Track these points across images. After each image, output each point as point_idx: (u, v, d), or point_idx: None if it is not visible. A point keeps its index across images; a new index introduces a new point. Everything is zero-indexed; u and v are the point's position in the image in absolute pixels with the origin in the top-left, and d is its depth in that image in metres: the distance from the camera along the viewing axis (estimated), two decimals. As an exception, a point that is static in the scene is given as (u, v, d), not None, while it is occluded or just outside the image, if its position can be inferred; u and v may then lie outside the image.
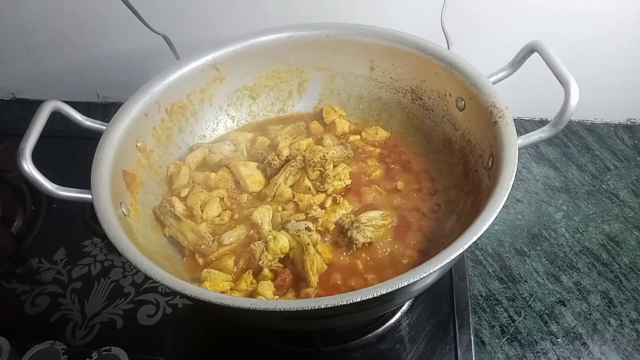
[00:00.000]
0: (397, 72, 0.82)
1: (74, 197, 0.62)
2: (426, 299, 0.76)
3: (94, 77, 1.08)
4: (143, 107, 0.74)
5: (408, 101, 0.83)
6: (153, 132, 0.77)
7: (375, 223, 0.72)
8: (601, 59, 0.92)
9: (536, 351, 0.72)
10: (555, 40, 0.68)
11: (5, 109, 1.11)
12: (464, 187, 0.74)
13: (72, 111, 0.70)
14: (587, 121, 1.03)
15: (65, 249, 0.85)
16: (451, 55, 0.75)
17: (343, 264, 0.70)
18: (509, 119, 0.65)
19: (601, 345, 0.73)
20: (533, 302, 0.77)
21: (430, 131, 0.81)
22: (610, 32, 0.89)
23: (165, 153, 0.79)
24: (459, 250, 0.52)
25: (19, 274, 0.83)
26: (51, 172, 0.62)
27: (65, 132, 0.82)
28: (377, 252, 0.70)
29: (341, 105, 0.88)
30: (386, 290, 0.50)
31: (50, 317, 0.77)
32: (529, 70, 0.69)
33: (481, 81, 0.70)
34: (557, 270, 0.81)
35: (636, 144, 0.99)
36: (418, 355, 0.71)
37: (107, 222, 0.59)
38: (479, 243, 0.84)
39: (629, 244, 0.84)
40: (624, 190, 0.91)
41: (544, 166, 0.95)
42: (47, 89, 1.10)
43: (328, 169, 0.76)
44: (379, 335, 0.73)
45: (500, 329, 0.75)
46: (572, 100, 0.59)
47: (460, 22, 0.84)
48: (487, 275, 0.80)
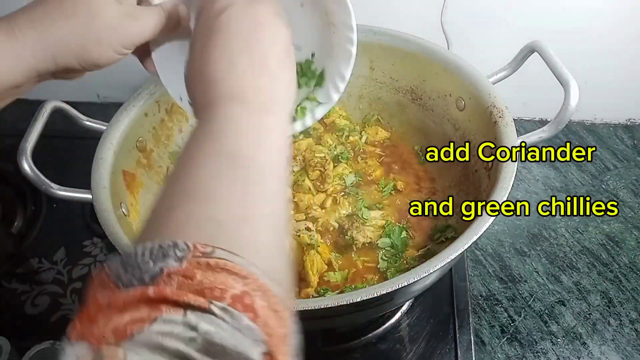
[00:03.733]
0: (397, 72, 0.82)
1: (74, 197, 0.63)
2: (426, 299, 0.76)
3: (94, 77, 1.07)
4: (143, 107, 0.74)
5: (408, 101, 0.83)
6: (153, 132, 0.77)
7: (375, 223, 0.72)
8: (601, 59, 0.92)
9: (536, 351, 0.73)
10: (555, 40, 0.68)
11: (5, 109, 1.10)
12: (464, 187, 0.74)
13: (72, 111, 0.70)
14: (587, 121, 1.03)
15: (65, 249, 0.85)
16: (451, 55, 0.75)
17: (343, 264, 0.70)
18: (509, 119, 0.65)
19: (601, 345, 0.73)
20: (533, 302, 0.77)
21: (430, 131, 0.81)
22: (610, 33, 0.89)
23: (165, 153, 0.79)
24: (459, 250, 0.52)
25: (19, 274, 0.83)
26: (51, 172, 0.62)
27: (65, 132, 0.82)
28: (377, 252, 0.70)
29: (341, 105, 0.88)
30: (386, 290, 0.50)
31: (51, 317, 0.77)
32: (529, 70, 0.69)
33: (481, 81, 0.70)
34: (557, 270, 0.81)
35: (636, 144, 0.99)
36: (418, 355, 0.71)
37: (107, 222, 0.59)
38: (479, 243, 0.84)
39: (628, 244, 0.84)
40: (624, 190, 0.91)
41: (544, 166, 0.95)
42: (47, 89, 1.09)
43: (328, 169, 0.76)
44: (379, 335, 0.73)
45: (500, 329, 0.75)
46: (571, 101, 0.59)
47: (460, 22, 0.84)
48: (487, 275, 0.80)
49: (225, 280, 0.28)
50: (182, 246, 0.29)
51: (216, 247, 0.29)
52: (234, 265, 0.29)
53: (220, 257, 0.29)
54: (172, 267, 0.28)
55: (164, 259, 0.28)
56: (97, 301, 0.28)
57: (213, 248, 0.29)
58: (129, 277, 0.28)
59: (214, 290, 0.27)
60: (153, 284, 0.27)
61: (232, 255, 0.29)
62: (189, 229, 0.32)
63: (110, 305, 0.27)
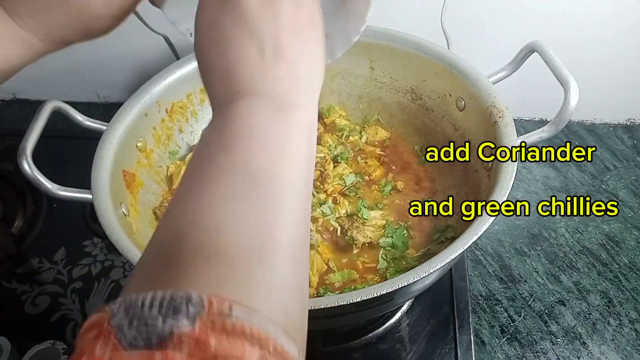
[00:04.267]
0: (397, 72, 0.82)
1: (74, 197, 0.62)
2: (426, 299, 0.76)
3: (94, 77, 1.08)
4: (143, 107, 0.74)
5: (408, 101, 0.83)
6: (153, 132, 0.77)
7: (375, 223, 0.72)
8: (601, 59, 0.92)
9: (536, 351, 0.73)
10: (555, 40, 0.68)
11: (5, 109, 1.11)
12: (464, 187, 0.74)
13: (72, 111, 0.70)
14: (587, 121, 1.03)
15: (65, 249, 0.85)
16: (451, 55, 0.75)
17: (343, 264, 0.70)
18: (509, 119, 0.65)
19: (601, 344, 0.73)
20: (533, 302, 0.77)
21: (430, 131, 0.81)
22: (611, 33, 0.89)
23: (165, 153, 0.80)
24: (459, 250, 0.52)
25: (20, 274, 0.83)
26: (51, 172, 0.62)
27: (65, 132, 0.82)
28: (377, 252, 0.70)
29: (341, 105, 0.88)
30: (386, 290, 0.50)
31: (51, 317, 0.77)
32: (529, 70, 0.69)
33: (481, 81, 0.70)
34: (557, 270, 0.81)
35: (636, 144, 0.99)
36: (418, 355, 0.71)
37: (107, 222, 0.59)
38: (479, 243, 0.84)
39: (628, 244, 0.84)
40: (624, 190, 0.91)
41: (543, 166, 0.95)
42: (47, 89, 1.10)
43: (328, 169, 0.76)
44: (379, 335, 0.73)
45: (500, 329, 0.75)
46: (571, 100, 0.59)
47: (460, 22, 0.84)
48: (487, 275, 0.80)
49: (241, 348, 0.25)
50: (195, 300, 0.25)
51: (233, 303, 0.26)
52: (251, 327, 0.26)
53: (238, 316, 0.26)
54: (183, 329, 0.25)
55: (175, 315, 0.25)
56: (95, 356, 0.25)
57: (230, 305, 0.26)
58: (133, 334, 0.25)
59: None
60: (160, 348, 0.24)
61: (249, 314, 0.26)
62: (197, 266, 0.28)
63: None
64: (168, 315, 0.25)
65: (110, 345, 0.25)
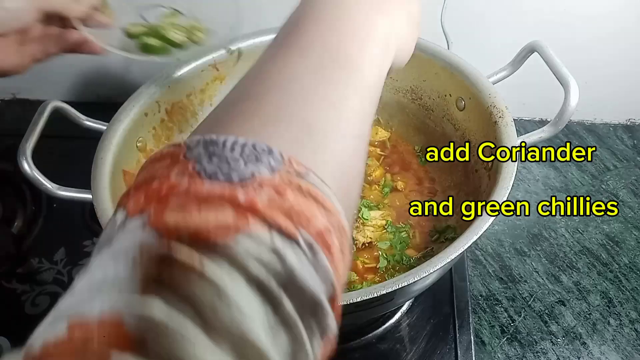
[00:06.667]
0: (397, 72, 0.82)
1: (74, 197, 0.62)
2: (426, 299, 0.76)
3: (94, 77, 1.08)
4: (143, 107, 0.74)
5: (408, 101, 0.83)
6: (153, 132, 0.77)
7: (375, 223, 0.72)
8: (601, 59, 0.92)
9: (536, 351, 0.73)
10: (555, 40, 0.68)
11: (5, 109, 1.11)
12: (464, 187, 0.74)
13: (72, 111, 0.70)
14: (587, 121, 1.03)
15: (65, 249, 0.85)
16: (451, 55, 0.75)
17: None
18: (509, 119, 0.65)
19: (601, 345, 0.73)
20: (533, 302, 0.77)
21: (430, 131, 0.81)
22: (611, 33, 0.89)
23: (166, 153, 0.79)
24: (459, 250, 0.52)
25: (19, 274, 0.83)
26: (51, 172, 0.62)
27: (65, 132, 0.82)
28: (377, 252, 0.70)
29: (341, 105, 0.88)
30: (386, 290, 0.50)
31: (51, 317, 0.77)
32: (529, 70, 0.69)
33: (481, 81, 0.70)
34: (557, 270, 0.81)
35: (636, 144, 0.99)
36: (418, 355, 0.71)
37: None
38: (479, 243, 0.84)
39: (628, 244, 0.84)
40: (624, 190, 0.91)
41: (543, 166, 0.95)
42: (47, 89, 1.10)
43: (328, 169, 0.76)
44: (379, 335, 0.73)
45: (500, 329, 0.75)
46: (571, 100, 0.59)
47: (460, 22, 0.84)
48: (487, 275, 0.80)
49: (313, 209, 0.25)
50: (277, 156, 0.25)
51: (309, 170, 0.26)
52: (323, 195, 0.25)
53: (312, 182, 0.25)
54: (265, 176, 0.24)
55: (256, 163, 0.24)
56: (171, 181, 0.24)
57: (307, 170, 0.26)
58: (213, 169, 0.24)
59: (301, 217, 0.24)
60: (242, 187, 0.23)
61: (322, 184, 0.26)
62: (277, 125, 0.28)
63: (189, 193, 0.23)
64: (250, 161, 0.24)
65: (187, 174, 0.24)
